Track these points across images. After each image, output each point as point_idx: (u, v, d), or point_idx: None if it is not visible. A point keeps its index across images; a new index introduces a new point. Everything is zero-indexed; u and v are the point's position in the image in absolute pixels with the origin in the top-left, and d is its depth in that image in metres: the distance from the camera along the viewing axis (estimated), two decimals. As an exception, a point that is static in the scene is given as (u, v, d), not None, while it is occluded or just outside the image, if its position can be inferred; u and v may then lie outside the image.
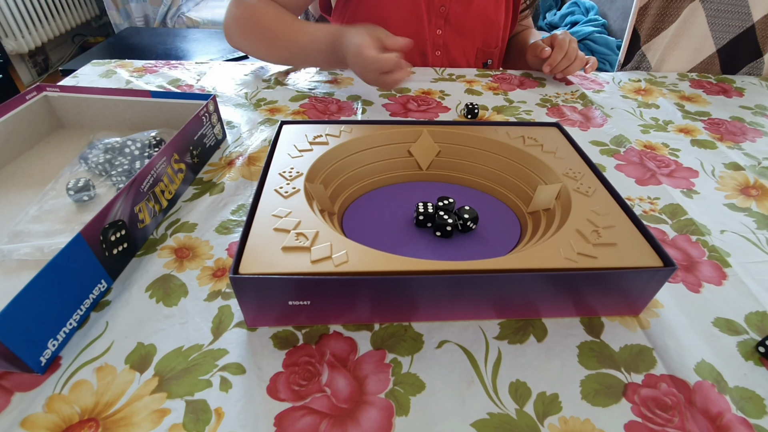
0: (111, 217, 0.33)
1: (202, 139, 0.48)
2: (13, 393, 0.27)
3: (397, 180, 0.45)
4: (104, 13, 2.62)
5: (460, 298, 0.31)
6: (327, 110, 0.61)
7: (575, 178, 0.39)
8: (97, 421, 0.26)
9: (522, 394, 0.28)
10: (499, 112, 0.62)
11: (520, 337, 0.31)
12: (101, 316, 0.32)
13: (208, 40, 1.78)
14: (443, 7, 0.72)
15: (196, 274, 0.36)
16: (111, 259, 0.34)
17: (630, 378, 0.29)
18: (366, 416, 0.26)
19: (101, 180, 0.45)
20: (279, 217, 0.33)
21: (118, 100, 0.52)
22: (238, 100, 0.63)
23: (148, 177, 0.38)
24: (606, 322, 0.33)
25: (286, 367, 0.29)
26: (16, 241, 0.37)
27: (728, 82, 0.75)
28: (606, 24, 2.01)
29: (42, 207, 0.41)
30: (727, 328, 0.33)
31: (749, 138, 0.58)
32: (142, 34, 1.83)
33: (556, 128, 0.47)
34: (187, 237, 0.39)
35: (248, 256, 0.29)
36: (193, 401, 0.27)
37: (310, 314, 0.31)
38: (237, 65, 0.74)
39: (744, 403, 0.28)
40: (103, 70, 0.70)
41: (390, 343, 0.31)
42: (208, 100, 0.49)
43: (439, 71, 0.74)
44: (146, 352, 0.30)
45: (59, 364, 0.29)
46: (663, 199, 0.46)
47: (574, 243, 0.32)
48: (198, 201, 0.43)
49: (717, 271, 0.37)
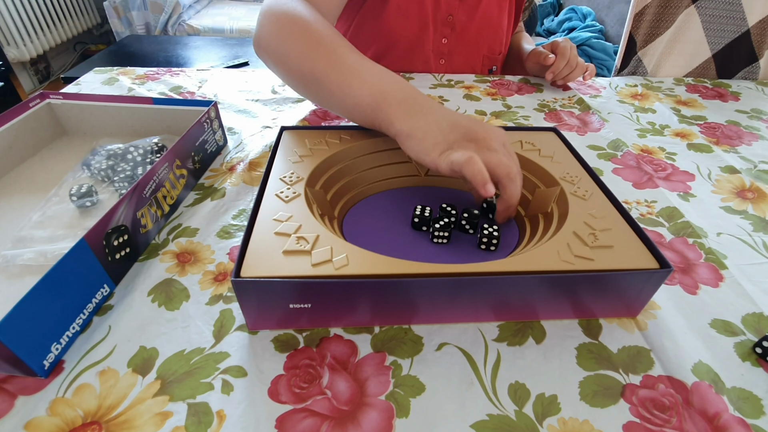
0: (114, 222, 0.34)
1: (203, 145, 0.48)
2: (16, 396, 0.27)
3: (396, 185, 0.45)
4: (106, 21, 2.64)
5: (459, 301, 0.31)
6: (327, 116, 0.61)
7: (573, 182, 0.39)
8: (100, 425, 0.26)
9: (521, 395, 0.28)
10: (498, 117, 0.62)
11: (519, 339, 0.32)
12: (104, 320, 0.32)
13: (209, 48, 1.79)
14: (450, 16, 0.72)
15: (198, 278, 0.36)
16: (113, 264, 0.34)
17: (628, 379, 0.29)
18: (366, 418, 0.27)
19: (104, 186, 0.45)
20: (280, 221, 0.33)
21: (120, 107, 0.53)
22: (239, 106, 0.64)
23: (151, 183, 0.38)
24: (604, 323, 0.33)
25: (287, 369, 0.29)
26: (19, 246, 0.38)
27: (724, 86, 0.76)
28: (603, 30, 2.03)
29: (45, 213, 0.41)
30: (724, 329, 0.33)
31: (745, 141, 0.59)
32: (144, 42, 1.85)
33: (553, 133, 0.47)
34: (188, 242, 0.39)
35: (249, 260, 0.30)
36: (195, 404, 0.27)
37: (311, 317, 0.31)
38: (238, 72, 0.75)
39: (741, 403, 0.28)
40: (105, 78, 0.71)
41: (390, 346, 0.31)
42: (210, 107, 0.49)
43: (438, 77, 0.74)
44: (148, 355, 0.30)
45: (62, 367, 0.29)
46: (660, 202, 0.46)
47: (572, 246, 0.32)
48: (199, 206, 0.44)
49: (714, 273, 0.38)
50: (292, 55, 0.47)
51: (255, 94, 0.67)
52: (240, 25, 2.28)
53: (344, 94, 0.43)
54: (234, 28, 2.27)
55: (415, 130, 0.38)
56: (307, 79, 0.46)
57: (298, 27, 0.47)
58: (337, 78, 0.43)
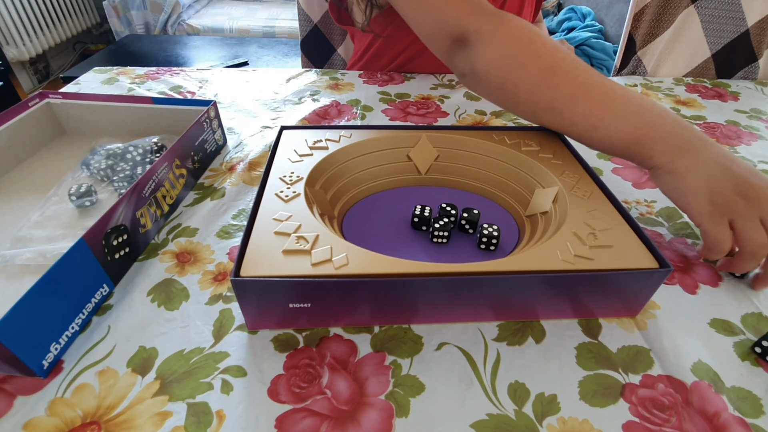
0: (113, 222, 0.34)
1: (203, 144, 0.48)
2: (15, 397, 0.27)
3: (396, 184, 0.45)
4: (105, 21, 2.64)
5: (459, 300, 0.31)
6: (327, 115, 0.61)
7: (572, 182, 0.39)
8: (100, 425, 0.26)
9: (521, 395, 0.28)
10: (498, 116, 0.62)
11: (518, 339, 0.32)
12: (103, 320, 0.32)
13: (209, 47, 1.79)
14: None
15: (197, 278, 0.36)
16: (113, 264, 0.34)
17: (627, 378, 0.29)
18: (366, 418, 0.27)
19: (103, 186, 0.45)
20: (279, 220, 0.33)
21: (119, 107, 0.53)
22: (239, 106, 0.64)
23: (150, 182, 0.38)
24: (603, 323, 0.33)
25: (287, 369, 0.29)
26: (18, 246, 0.37)
27: (723, 86, 0.76)
28: (603, 29, 2.03)
29: (44, 212, 0.41)
30: (724, 328, 0.33)
31: (744, 141, 0.59)
32: (143, 42, 1.85)
33: (553, 132, 0.47)
34: (188, 241, 0.39)
35: (249, 259, 0.30)
36: (194, 404, 0.27)
37: (311, 317, 0.31)
38: (238, 72, 0.75)
39: (740, 402, 0.28)
40: (105, 77, 0.71)
41: (390, 346, 0.31)
42: (209, 106, 0.49)
43: (439, 77, 0.74)
44: (148, 355, 0.30)
45: (61, 367, 0.29)
46: (659, 202, 0.46)
47: (572, 245, 0.32)
48: (199, 206, 0.44)
49: (713, 272, 0.38)
50: (522, 85, 0.41)
51: (255, 94, 0.67)
52: (240, 24, 2.28)
53: (592, 127, 0.39)
54: (234, 28, 2.27)
55: (679, 167, 0.35)
56: (541, 108, 0.42)
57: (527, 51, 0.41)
58: (584, 110, 0.39)
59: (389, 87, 0.70)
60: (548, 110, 0.42)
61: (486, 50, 0.42)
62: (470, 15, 0.43)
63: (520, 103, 0.43)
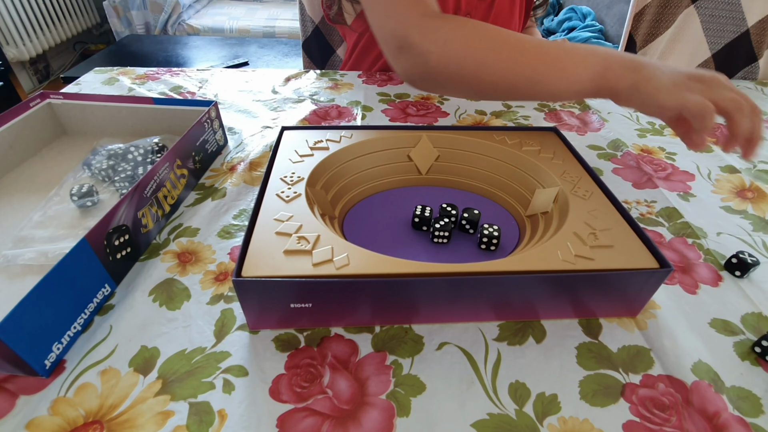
0: (115, 222, 0.34)
1: (204, 144, 0.48)
2: (18, 396, 0.28)
3: (396, 184, 0.45)
4: (105, 21, 2.64)
5: (459, 300, 0.31)
6: (327, 115, 0.61)
7: (572, 182, 0.39)
8: (102, 424, 0.26)
9: (521, 394, 0.28)
10: (498, 116, 0.63)
11: (519, 339, 0.32)
12: (105, 320, 0.32)
13: (209, 47, 1.80)
14: (468, 14, 0.71)
15: (199, 278, 0.36)
16: (114, 264, 0.34)
17: (628, 378, 0.29)
18: (367, 417, 0.27)
19: (104, 186, 0.45)
20: (281, 221, 0.33)
21: (120, 107, 0.53)
22: (240, 106, 0.64)
23: (151, 182, 0.38)
24: (604, 323, 0.33)
25: (288, 369, 0.29)
26: (20, 246, 0.38)
27: (724, 86, 0.76)
28: (603, 29, 2.02)
29: (46, 213, 0.41)
30: (724, 328, 0.33)
31: (745, 141, 0.59)
32: (143, 42, 1.85)
33: (553, 133, 0.47)
34: (189, 241, 0.39)
35: (250, 260, 0.30)
36: (196, 403, 0.27)
37: (312, 317, 0.31)
38: (238, 72, 0.75)
39: (740, 402, 0.28)
40: (105, 78, 0.71)
41: (391, 345, 0.31)
42: (210, 107, 0.49)
43: (437, 77, 0.74)
44: (150, 355, 0.30)
45: (64, 367, 0.29)
46: (660, 202, 0.46)
47: (572, 245, 0.32)
48: (200, 206, 0.44)
49: (713, 272, 0.38)
50: (484, 67, 0.42)
51: (255, 94, 0.67)
52: (240, 24, 2.28)
53: (566, 81, 0.41)
54: (234, 28, 2.27)
55: (640, 81, 0.39)
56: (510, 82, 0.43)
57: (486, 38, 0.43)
58: (547, 69, 0.42)
59: (388, 87, 0.70)
60: (521, 81, 0.43)
61: (436, 46, 0.42)
62: (413, 19, 0.44)
63: (484, 84, 0.44)
